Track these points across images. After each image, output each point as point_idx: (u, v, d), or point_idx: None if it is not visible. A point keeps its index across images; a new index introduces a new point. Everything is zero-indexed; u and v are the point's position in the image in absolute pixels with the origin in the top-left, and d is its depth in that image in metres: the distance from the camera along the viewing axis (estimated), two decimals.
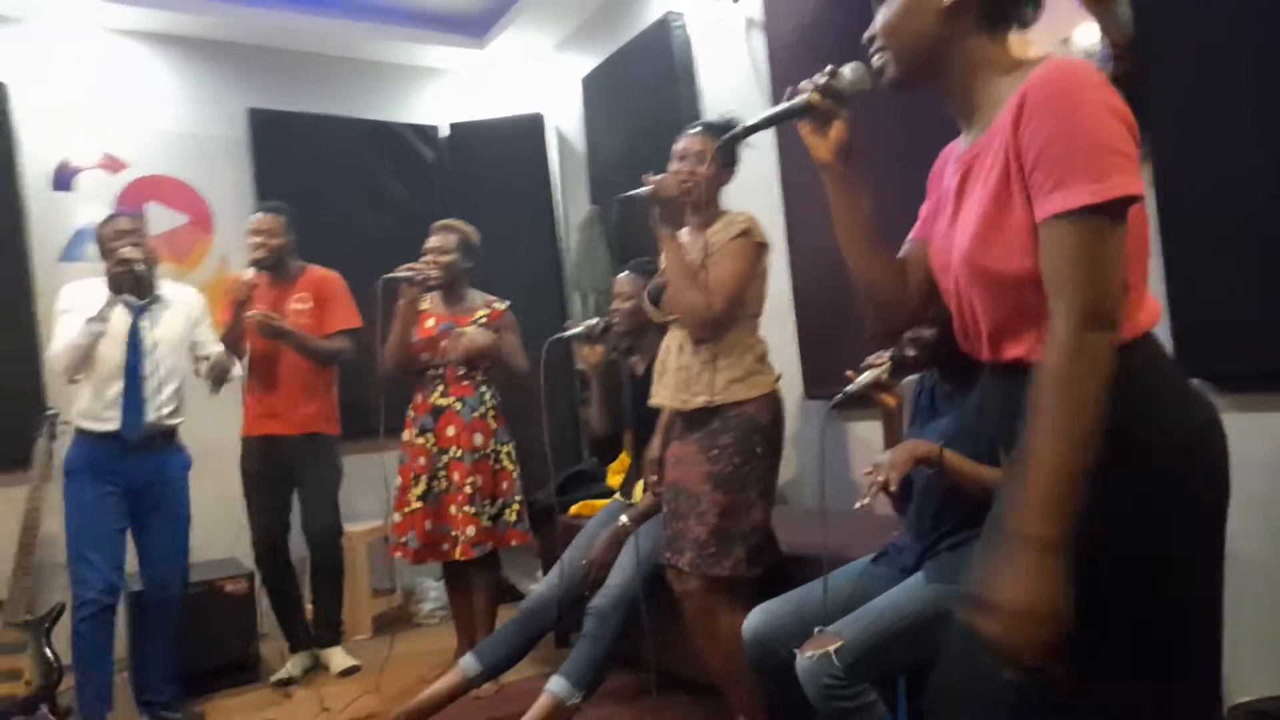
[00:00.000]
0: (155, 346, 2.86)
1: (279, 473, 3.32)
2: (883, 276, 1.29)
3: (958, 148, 1.22)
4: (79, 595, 2.73)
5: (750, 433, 2.20)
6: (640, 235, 2.07)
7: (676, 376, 2.27)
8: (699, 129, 2.32)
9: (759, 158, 2.88)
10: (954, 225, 1.16)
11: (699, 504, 2.18)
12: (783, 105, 1.28)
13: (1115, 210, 0.98)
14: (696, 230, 2.32)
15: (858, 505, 1.76)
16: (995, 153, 1.07)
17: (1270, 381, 1.87)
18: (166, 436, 2.92)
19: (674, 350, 2.31)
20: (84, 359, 2.77)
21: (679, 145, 2.31)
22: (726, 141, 1.48)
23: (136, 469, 2.82)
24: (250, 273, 3.22)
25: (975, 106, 1.16)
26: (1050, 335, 0.99)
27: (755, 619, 1.93)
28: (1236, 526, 1.89)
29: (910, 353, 1.85)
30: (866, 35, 1.21)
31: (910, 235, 1.33)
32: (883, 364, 1.88)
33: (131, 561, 2.90)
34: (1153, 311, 1.09)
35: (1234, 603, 1.91)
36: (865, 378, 1.89)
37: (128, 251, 2.80)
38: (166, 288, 3.01)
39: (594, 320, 2.80)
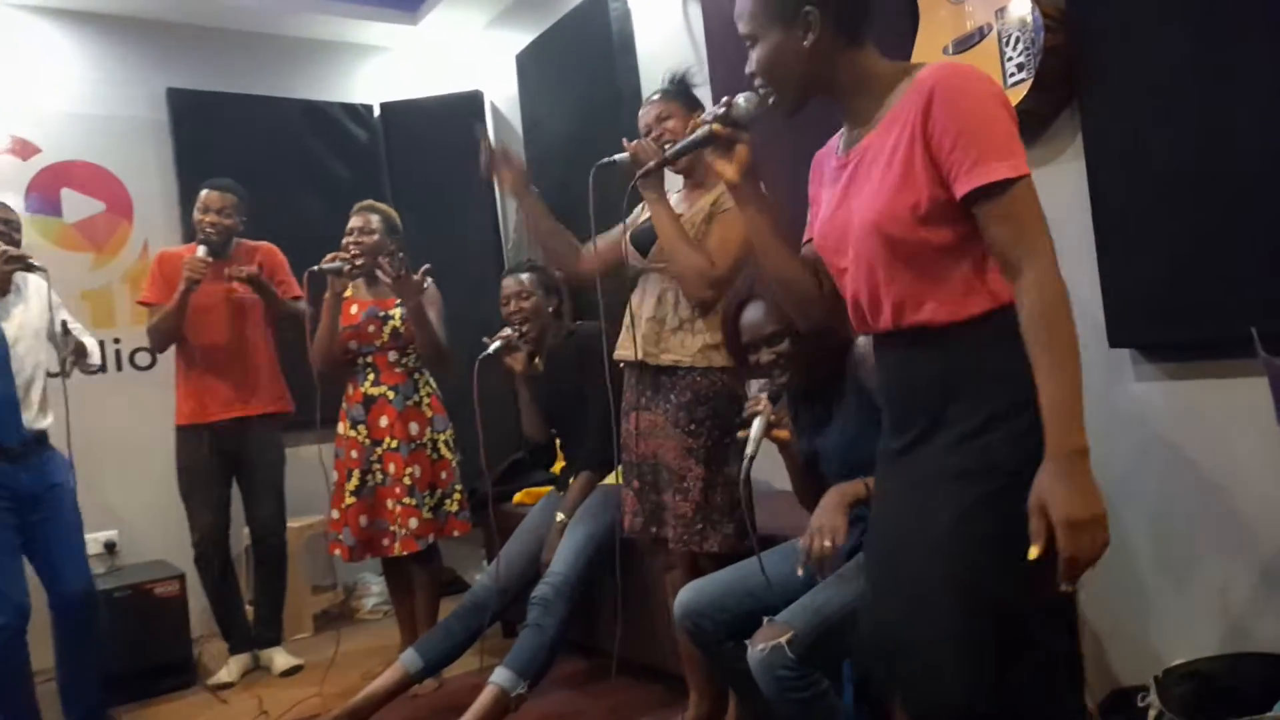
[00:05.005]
0: (16, 342, 2.62)
1: (223, 462, 3.20)
2: (798, 276, 1.43)
3: (833, 149, 1.39)
4: None
5: (729, 402, 2.13)
6: (602, 207, 1.98)
7: (648, 327, 2.18)
8: (658, 95, 2.25)
9: None
10: (844, 207, 1.29)
11: (683, 480, 2.12)
12: (688, 139, 1.45)
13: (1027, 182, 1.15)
14: (691, 191, 2.26)
15: (800, 571, 1.66)
16: (898, 138, 1.21)
17: (1197, 352, 1.90)
18: (41, 440, 2.68)
19: (649, 300, 2.21)
20: None
21: (644, 118, 2.24)
22: (641, 177, 1.64)
23: (24, 480, 2.58)
24: (203, 250, 3.04)
25: (860, 108, 1.30)
26: (1029, 280, 1.12)
27: (685, 596, 1.96)
28: (1168, 489, 1.94)
29: (780, 378, 1.82)
30: (748, 71, 1.33)
31: (805, 238, 1.46)
32: (762, 405, 1.74)
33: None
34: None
35: (1167, 569, 1.96)
36: (758, 428, 1.71)
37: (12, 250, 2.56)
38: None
39: (507, 331, 2.76)
